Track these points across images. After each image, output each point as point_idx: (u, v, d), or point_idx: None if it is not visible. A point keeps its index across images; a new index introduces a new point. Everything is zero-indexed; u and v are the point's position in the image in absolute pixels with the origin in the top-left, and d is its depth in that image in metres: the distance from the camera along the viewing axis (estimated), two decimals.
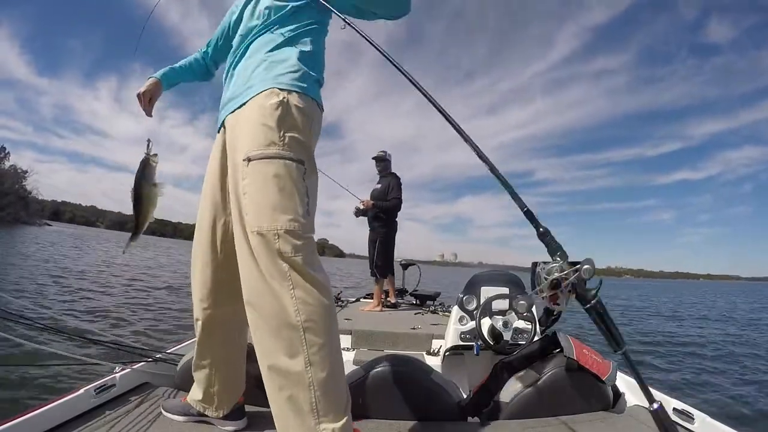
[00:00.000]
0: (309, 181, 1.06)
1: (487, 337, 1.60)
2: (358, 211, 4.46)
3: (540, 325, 1.62)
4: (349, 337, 2.73)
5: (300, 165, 1.03)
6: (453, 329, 1.82)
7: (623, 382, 1.59)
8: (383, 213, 4.32)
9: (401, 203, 4.32)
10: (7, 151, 54.07)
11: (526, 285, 1.71)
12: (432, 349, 2.60)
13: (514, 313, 1.67)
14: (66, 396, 1.17)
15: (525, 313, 1.65)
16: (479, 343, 1.64)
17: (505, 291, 1.74)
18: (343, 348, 1.54)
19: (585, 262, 0.80)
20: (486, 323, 1.63)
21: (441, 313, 3.88)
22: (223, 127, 1.19)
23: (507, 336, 1.61)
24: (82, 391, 1.21)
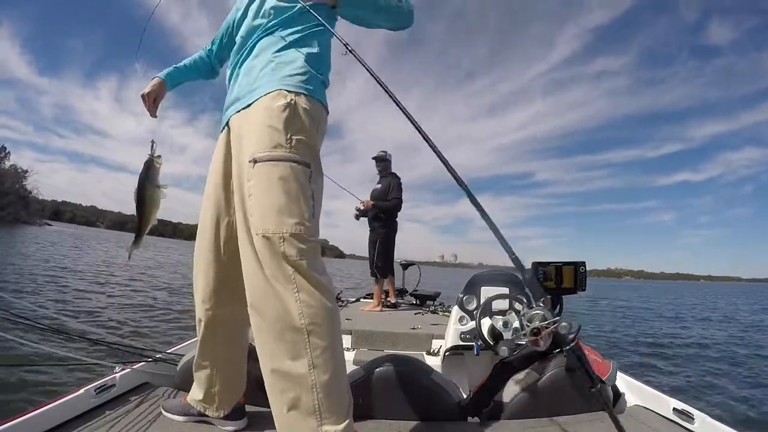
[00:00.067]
0: (315, 184, 1.06)
1: (487, 337, 1.59)
2: (358, 214, 4.45)
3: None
4: (349, 337, 2.73)
5: (306, 168, 1.03)
6: (453, 329, 1.82)
7: (623, 382, 1.59)
8: (383, 213, 4.31)
9: (401, 203, 4.31)
10: (7, 151, 54.22)
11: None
12: (432, 349, 2.60)
13: (514, 313, 1.66)
14: (66, 396, 1.17)
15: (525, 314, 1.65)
16: (479, 343, 1.63)
17: (505, 291, 1.74)
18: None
19: (562, 320, 0.83)
20: (486, 323, 1.63)
21: (441, 313, 3.88)
22: (227, 126, 1.18)
23: (507, 336, 1.61)
24: (82, 391, 1.21)
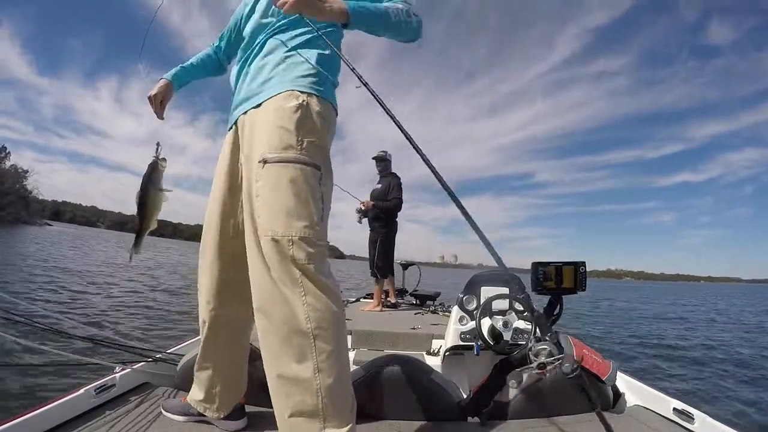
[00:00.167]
0: (324, 186, 1.04)
1: (487, 337, 1.60)
2: (360, 216, 4.45)
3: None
4: (349, 337, 2.73)
5: (316, 170, 1.02)
6: (453, 329, 1.82)
7: (623, 382, 1.59)
8: (383, 213, 4.31)
9: (402, 203, 4.31)
10: (7, 151, 54.30)
11: (527, 285, 1.71)
12: (432, 349, 2.60)
13: (514, 313, 1.67)
14: (66, 396, 1.17)
15: (525, 313, 1.66)
16: (479, 343, 1.64)
17: (505, 291, 1.74)
18: None
19: (566, 360, 0.87)
20: (486, 323, 1.63)
21: (441, 313, 3.88)
22: (234, 126, 1.17)
23: (507, 336, 1.61)
24: (82, 391, 1.21)
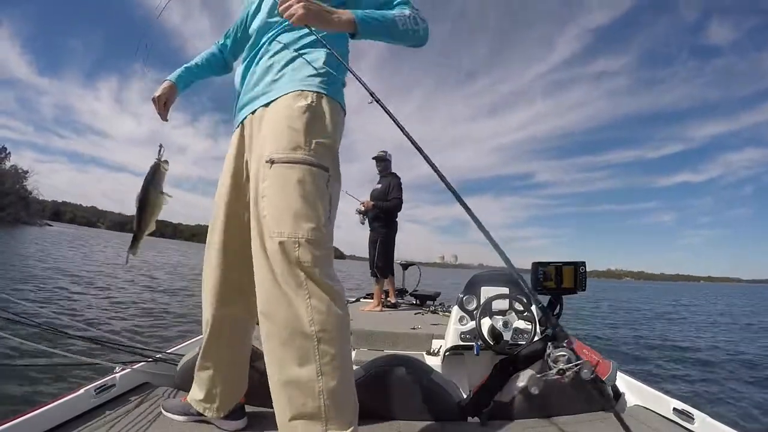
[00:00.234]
0: (332, 188, 1.03)
1: (487, 337, 1.60)
2: (362, 216, 4.45)
3: (540, 325, 1.62)
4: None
5: (324, 172, 1.00)
6: (453, 329, 1.82)
7: (623, 382, 1.59)
8: (383, 213, 4.31)
9: (402, 203, 4.31)
10: (7, 151, 54.33)
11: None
12: (432, 349, 2.60)
13: (514, 313, 1.67)
14: (66, 396, 1.17)
15: (525, 313, 1.66)
16: (479, 343, 1.64)
17: (505, 291, 1.74)
18: None
19: (584, 366, 0.88)
20: (486, 323, 1.63)
21: (441, 313, 3.88)
22: (241, 125, 1.15)
23: (507, 336, 1.61)
24: (82, 391, 1.21)
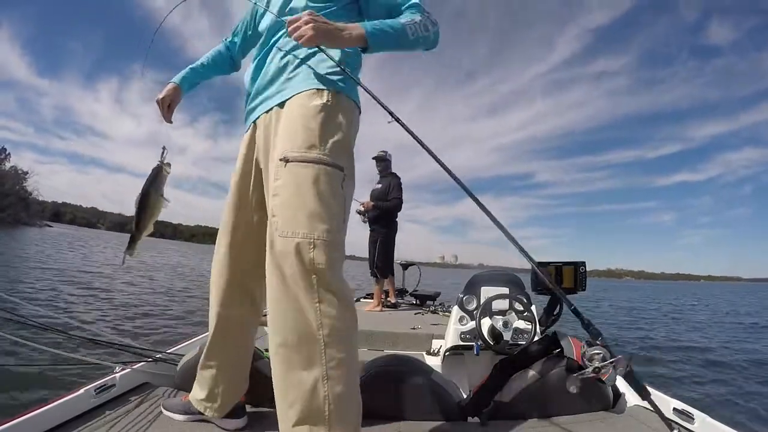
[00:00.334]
0: (347, 189, 1.01)
1: (487, 337, 1.60)
2: (363, 217, 4.45)
3: (540, 325, 1.62)
4: None
5: (339, 171, 0.98)
6: (453, 329, 1.82)
7: (623, 382, 1.58)
8: (383, 213, 4.31)
9: (402, 203, 4.31)
10: (7, 152, 54.38)
11: (526, 285, 1.71)
12: (432, 349, 2.60)
13: (514, 313, 1.67)
14: (66, 396, 1.17)
15: (525, 313, 1.66)
16: (479, 343, 1.64)
17: (505, 291, 1.74)
18: None
19: (619, 363, 0.86)
20: (486, 323, 1.63)
21: (441, 313, 3.88)
22: (253, 125, 1.14)
23: (507, 336, 1.62)
24: (82, 391, 1.21)
